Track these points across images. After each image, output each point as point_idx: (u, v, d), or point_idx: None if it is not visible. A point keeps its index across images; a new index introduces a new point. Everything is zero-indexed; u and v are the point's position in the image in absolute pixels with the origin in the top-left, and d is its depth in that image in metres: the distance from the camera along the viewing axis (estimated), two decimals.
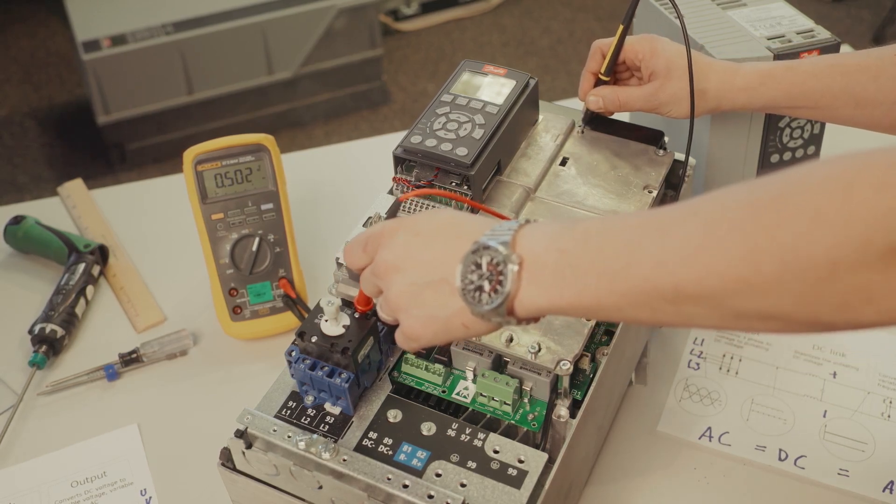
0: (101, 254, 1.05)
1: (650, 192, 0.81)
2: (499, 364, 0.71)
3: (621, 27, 0.83)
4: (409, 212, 0.77)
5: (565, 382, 0.70)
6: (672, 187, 0.87)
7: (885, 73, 0.78)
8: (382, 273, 0.59)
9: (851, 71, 0.79)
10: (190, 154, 0.94)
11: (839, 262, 0.43)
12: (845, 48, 1.21)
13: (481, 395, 0.71)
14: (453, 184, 0.78)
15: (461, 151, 0.77)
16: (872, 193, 0.43)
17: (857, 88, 0.79)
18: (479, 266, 0.54)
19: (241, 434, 0.69)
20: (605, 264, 0.51)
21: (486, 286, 0.54)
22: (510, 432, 0.70)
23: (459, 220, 0.59)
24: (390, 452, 0.68)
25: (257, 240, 0.94)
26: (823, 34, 0.92)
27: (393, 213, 0.68)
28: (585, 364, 0.72)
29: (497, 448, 0.68)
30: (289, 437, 0.67)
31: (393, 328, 0.64)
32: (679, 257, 0.48)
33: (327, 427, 0.70)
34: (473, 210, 0.78)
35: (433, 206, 0.77)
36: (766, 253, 0.45)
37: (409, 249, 0.58)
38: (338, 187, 1.16)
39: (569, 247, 0.53)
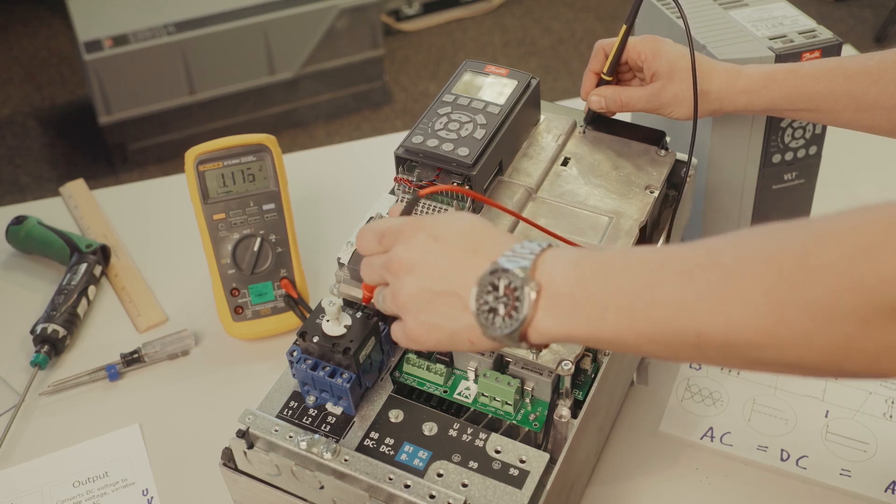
0: (103, 254, 1.05)
1: (652, 192, 0.81)
2: (500, 364, 0.71)
3: (624, 27, 0.83)
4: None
5: (567, 383, 0.70)
6: (674, 187, 0.87)
7: (887, 76, 0.78)
8: (395, 270, 0.58)
9: (853, 74, 0.79)
10: (191, 154, 0.94)
11: (868, 323, 0.43)
12: (847, 48, 1.21)
13: (483, 395, 0.71)
14: (454, 183, 0.78)
15: (462, 151, 0.77)
16: None
17: (858, 92, 0.79)
18: (495, 288, 0.54)
19: (242, 434, 0.69)
20: (625, 302, 0.51)
21: (502, 310, 0.53)
22: (512, 432, 0.70)
23: (481, 231, 0.58)
24: (392, 452, 0.68)
25: (259, 240, 0.95)
26: (825, 34, 0.92)
27: (410, 208, 0.67)
28: (587, 364, 0.72)
29: (499, 448, 0.68)
30: (290, 437, 0.67)
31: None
32: (702, 305, 0.48)
33: (329, 427, 0.70)
34: (476, 208, 0.78)
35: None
36: (793, 309, 0.45)
37: (427, 254, 0.57)
38: (339, 187, 1.16)
39: (588, 277, 0.52)
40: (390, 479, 0.65)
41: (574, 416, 0.69)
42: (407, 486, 0.64)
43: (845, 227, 0.45)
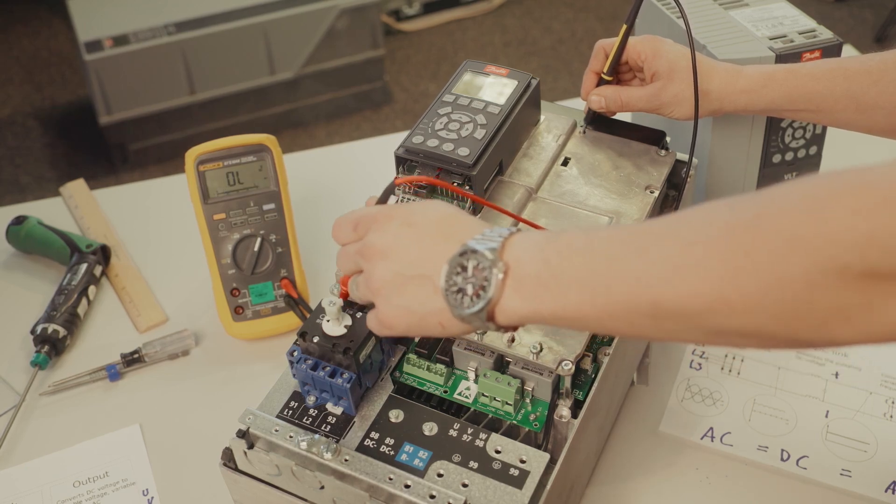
0: (103, 254, 1.05)
1: (652, 192, 0.81)
2: (501, 364, 0.71)
3: (624, 27, 0.83)
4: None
5: (567, 383, 0.70)
6: (674, 187, 0.87)
7: (887, 77, 0.78)
8: (369, 255, 0.60)
9: (853, 75, 0.79)
10: (192, 154, 0.94)
11: (816, 285, 0.44)
12: (847, 48, 1.21)
13: (483, 395, 0.71)
14: (455, 184, 0.78)
15: (463, 151, 0.77)
16: (848, 218, 0.43)
17: (858, 92, 0.79)
18: (464, 269, 0.55)
19: (242, 434, 0.69)
20: (587, 278, 0.52)
21: (470, 290, 0.55)
22: (512, 432, 0.70)
23: (453, 219, 0.60)
24: (392, 452, 0.68)
25: (259, 240, 0.95)
26: (826, 34, 0.92)
27: (387, 194, 0.68)
28: (587, 364, 0.72)
29: (499, 448, 0.68)
30: (291, 437, 0.68)
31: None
32: (659, 275, 0.49)
33: (329, 427, 0.70)
34: (477, 207, 0.78)
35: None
36: (745, 274, 0.46)
37: (400, 239, 0.59)
38: (339, 187, 1.16)
39: (553, 258, 0.53)
40: (390, 479, 0.65)
41: (574, 416, 0.69)
42: (407, 487, 0.64)
43: (795, 192, 0.46)
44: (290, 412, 0.72)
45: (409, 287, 0.58)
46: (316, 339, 0.69)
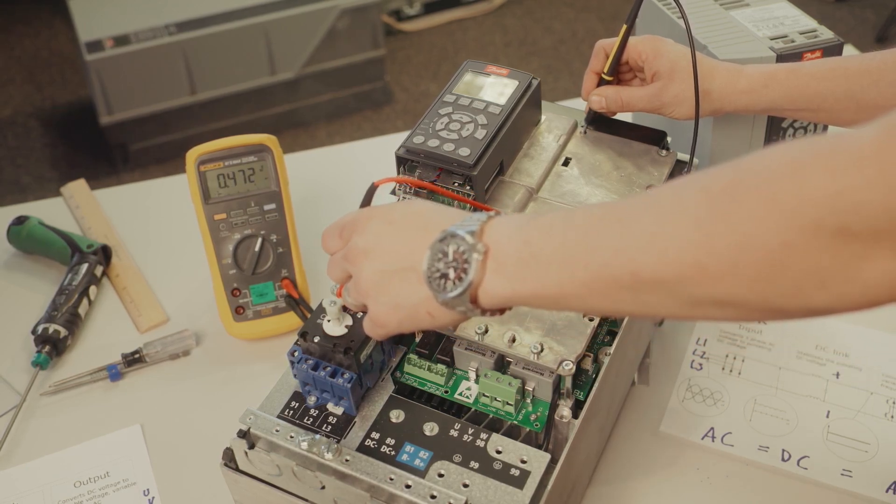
0: (104, 254, 1.05)
1: None
2: (501, 364, 0.71)
3: (625, 27, 0.83)
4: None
5: (568, 383, 0.70)
6: None
7: (887, 77, 0.78)
8: (353, 258, 0.60)
9: (853, 74, 0.79)
10: (193, 154, 0.94)
11: (791, 246, 0.44)
12: (848, 48, 1.21)
13: (484, 395, 0.71)
14: (456, 184, 0.78)
15: (464, 152, 0.77)
16: (822, 176, 0.43)
17: (858, 92, 0.79)
18: (445, 254, 0.55)
19: (243, 434, 0.69)
20: (566, 254, 0.52)
21: (451, 274, 0.55)
22: (513, 433, 0.70)
23: (432, 211, 0.60)
24: (393, 453, 0.68)
25: (260, 240, 0.95)
26: (826, 34, 0.92)
27: (368, 197, 0.68)
28: (588, 364, 0.72)
29: (499, 448, 0.68)
30: (291, 437, 0.68)
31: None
32: (637, 245, 0.49)
33: (330, 427, 0.70)
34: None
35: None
36: (721, 238, 0.46)
37: (381, 237, 0.59)
38: (340, 187, 1.16)
39: (533, 237, 0.54)
40: (391, 479, 0.65)
41: (575, 416, 0.69)
42: (408, 487, 0.64)
43: (772, 158, 0.46)
44: (291, 412, 0.72)
45: (395, 281, 0.58)
46: (317, 340, 0.69)
